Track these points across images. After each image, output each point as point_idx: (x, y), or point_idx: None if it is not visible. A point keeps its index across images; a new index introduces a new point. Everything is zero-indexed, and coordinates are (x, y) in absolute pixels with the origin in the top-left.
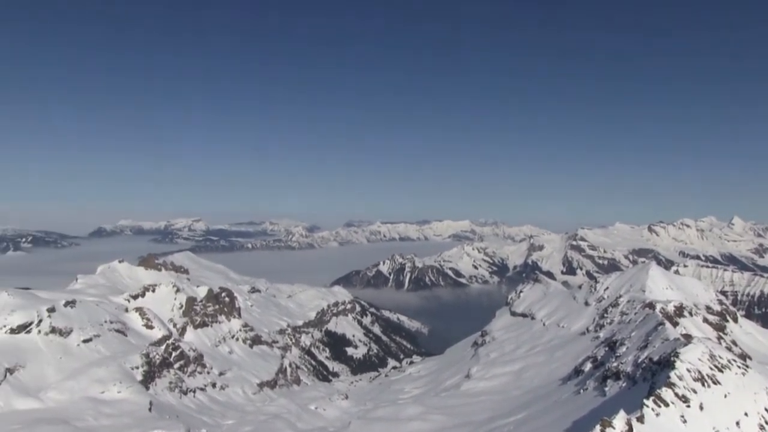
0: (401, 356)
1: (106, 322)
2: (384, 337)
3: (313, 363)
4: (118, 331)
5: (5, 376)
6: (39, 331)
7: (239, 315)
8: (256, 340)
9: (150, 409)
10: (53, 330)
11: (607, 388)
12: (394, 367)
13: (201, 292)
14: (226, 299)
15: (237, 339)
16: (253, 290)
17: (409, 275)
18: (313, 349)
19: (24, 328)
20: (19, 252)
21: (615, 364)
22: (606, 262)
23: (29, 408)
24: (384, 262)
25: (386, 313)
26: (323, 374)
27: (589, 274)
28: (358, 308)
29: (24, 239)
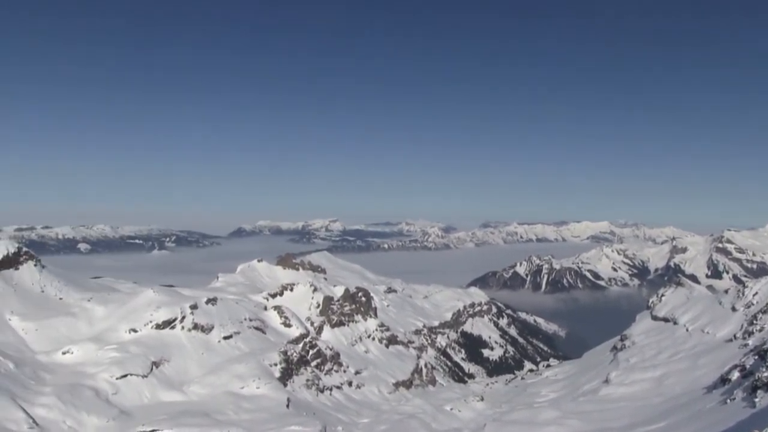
0: (538, 359)
1: (245, 319)
2: (520, 340)
3: (449, 364)
4: (257, 328)
5: (151, 369)
6: (182, 327)
7: (375, 315)
8: (392, 340)
9: (287, 406)
10: (196, 326)
11: (757, 399)
12: (531, 370)
13: (338, 291)
14: (363, 299)
15: (373, 338)
16: (390, 290)
17: (546, 277)
18: (448, 350)
19: (168, 324)
20: (164, 251)
21: (766, 374)
22: (755, 266)
23: (173, 400)
24: (521, 264)
25: (523, 315)
26: (458, 375)
27: (736, 278)
28: (494, 309)
29: (168, 239)
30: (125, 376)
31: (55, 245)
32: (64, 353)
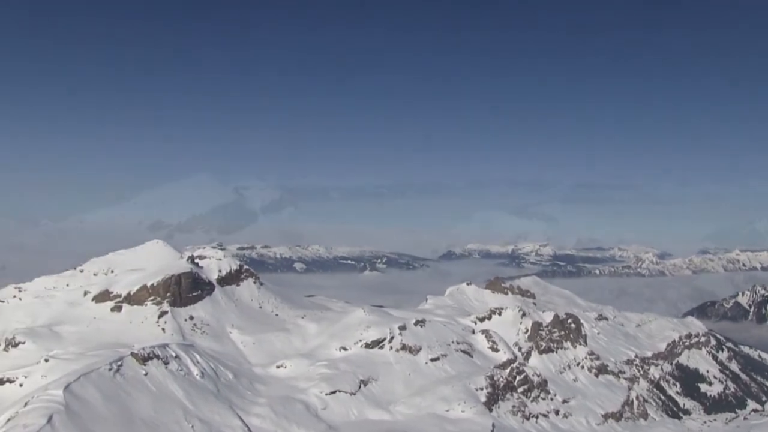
0: (763, 398)
1: (453, 342)
2: (743, 376)
3: (662, 397)
4: (464, 351)
5: (359, 387)
6: (391, 348)
7: (585, 342)
8: (602, 369)
9: (492, 431)
10: (404, 347)
11: None
12: (755, 410)
13: (547, 317)
14: (572, 325)
15: (582, 367)
16: (600, 318)
17: None
18: (662, 382)
19: (377, 343)
20: (375, 272)
21: None
22: None
23: (379, 419)
24: (743, 293)
25: (745, 349)
26: (673, 410)
27: None
28: (713, 342)
29: (379, 260)
30: (334, 392)
31: (272, 264)
32: (278, 367)
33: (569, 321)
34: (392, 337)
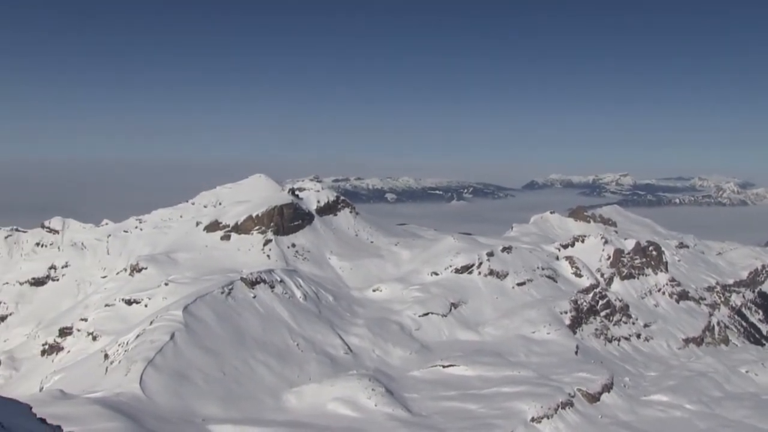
0: None
1: (538, 268)
2: None
3: (744, 324)
4: (548, 277)
5: (450, 309)
6: (479, 273)
7: (666, 269)
8: (683, 296)
9: (576, 353)
10: (491, 272)
11: None
12: None
13: (628, 244)
14: (653, 253)
15: (663, 293)
16: (681, 245)
17: None
18: (743, 309)
19: (467, 269)
20: (462, 201)
21: None
22: None
23: (469, 339)
24: None
25: None
26: (755, 337)
27: None
28: None
29: (466, 190)
30: (427, 314)
31: (365, 195)
32: (374, 290)
33: (650, 248)
34: (480, 263)
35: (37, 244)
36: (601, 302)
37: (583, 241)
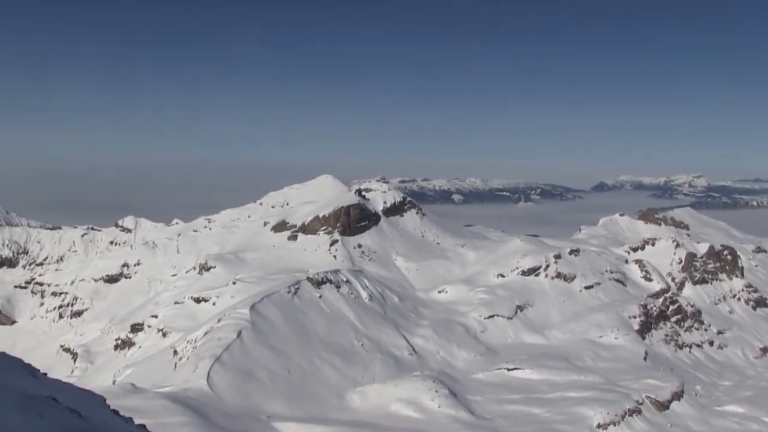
0: None
1: (606, 271)
2: None
3: None
4: (617, 280)
5: (516, 312)
6: (546, 275)
7: (742, 274)
8: (760, 302)
9: (645, 359)
10: (558, 275)
11: None
12: None
13: (701, 248)
14: (728, 257)
15: (738, 299)
16: (758, 250)
17: None
18: None
19: (533, 271)
20: (529, 203)
21: None
22: None
23: (535, 342)
24: None
25: None
26: None
27: None
28: None
29: (533, 191)
30: (492, 316)
31: (432, 196)
32: (439, 292)
33: (725, 252)
34: (547, 265)
35: (111, 243)
36: (671, 307)
37: (653, 245)
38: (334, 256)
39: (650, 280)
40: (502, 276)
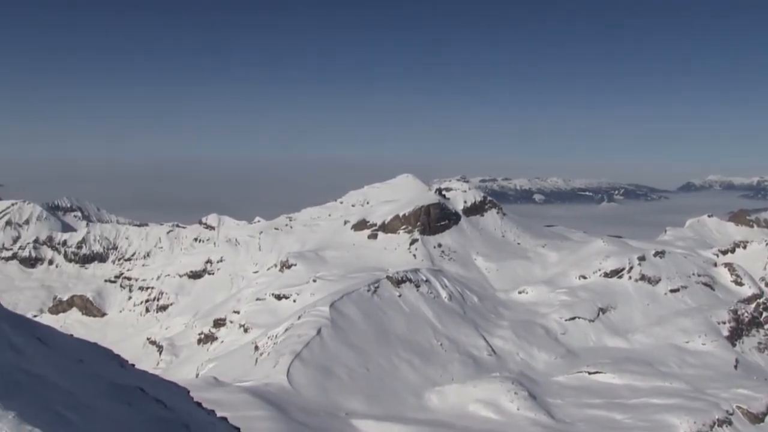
0: None
1: (693, 274)
2: None
3: None
4: (705, 284)
5: (598, 314)
6: (629, 277)
7: None
8: None
9: (735, 367)
10: (642, 277)
11: None
12: None
13: None
14: None
15: None
16: None
17: None
18: None
19: (616, 273)
20: (612, 203)
21: None
22: None
23: (617, 346)
24: None
25: None
26: None
27: None
28: None
29: (616, 191)
30: (573, 318)
31: (513, 195)
32: (519, 292)
33: None
34: (631, 267)
35: (195, 240)
36: (765, 314)
37: (744, 247)
38: (414, 255)
39: (741, 284)
40: (584, 277)
